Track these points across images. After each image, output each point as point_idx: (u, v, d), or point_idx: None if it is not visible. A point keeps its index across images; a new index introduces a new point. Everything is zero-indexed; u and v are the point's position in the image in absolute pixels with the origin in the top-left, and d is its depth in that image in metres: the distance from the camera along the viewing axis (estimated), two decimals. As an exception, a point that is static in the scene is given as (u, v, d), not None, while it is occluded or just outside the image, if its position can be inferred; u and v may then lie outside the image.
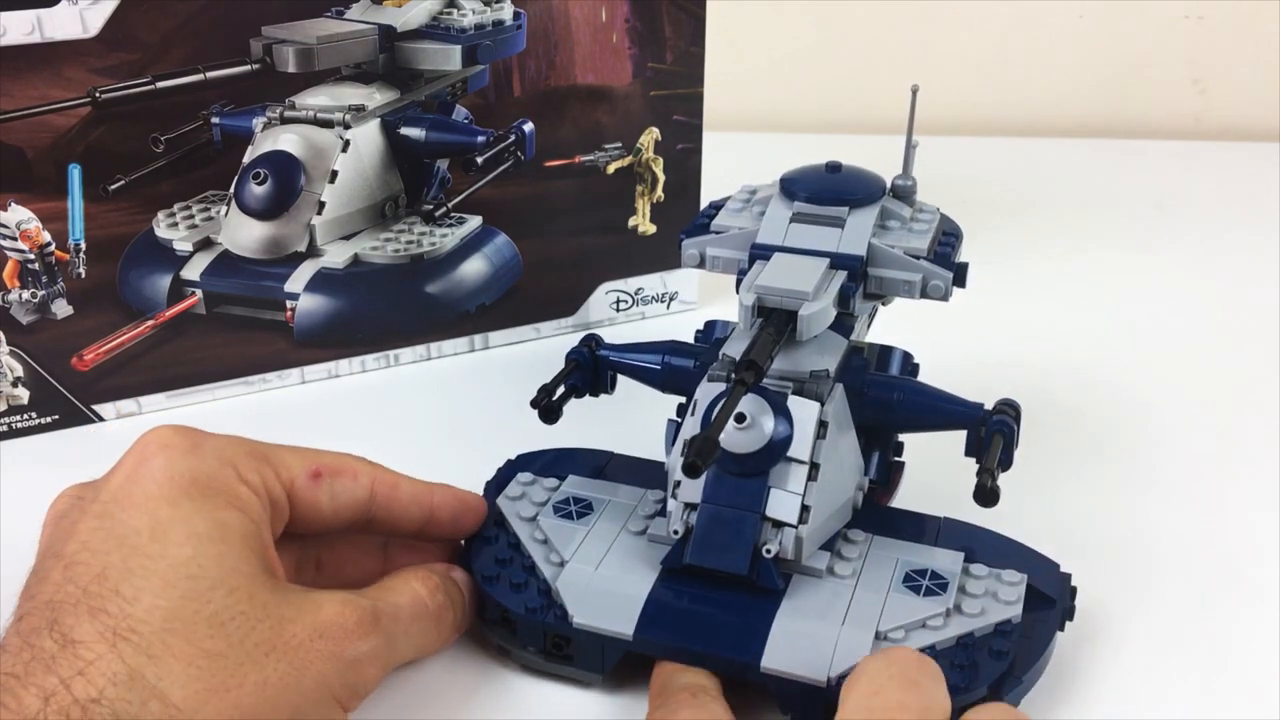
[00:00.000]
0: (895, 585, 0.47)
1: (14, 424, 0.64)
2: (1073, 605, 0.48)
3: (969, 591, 0.47)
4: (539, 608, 0.47)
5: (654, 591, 0.47)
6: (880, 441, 0.52)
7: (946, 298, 0.49)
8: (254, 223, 0.65)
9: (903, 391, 0.50)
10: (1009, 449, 0.48)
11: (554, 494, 0.52)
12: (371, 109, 0.67)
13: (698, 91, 0.71)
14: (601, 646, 0.46)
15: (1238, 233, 0.88)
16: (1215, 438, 0.64)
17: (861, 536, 0.49)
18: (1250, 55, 1.06)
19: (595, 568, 0.48)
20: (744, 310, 0.47)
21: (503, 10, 0.66)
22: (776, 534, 0.46)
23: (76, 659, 0.37)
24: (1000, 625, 0.45)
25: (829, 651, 0.44)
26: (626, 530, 0.50)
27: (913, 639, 0.45)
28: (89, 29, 0.58)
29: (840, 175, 0.51)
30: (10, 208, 0.60)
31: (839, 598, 0.46)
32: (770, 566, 0.46)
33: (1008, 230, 0.87)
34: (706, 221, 0.52)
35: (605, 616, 0.46)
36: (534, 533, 0.50)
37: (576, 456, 0.55)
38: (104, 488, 0.42)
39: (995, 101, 1.09)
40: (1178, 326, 0.75)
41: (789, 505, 0.46)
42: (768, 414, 0.46)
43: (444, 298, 0.70)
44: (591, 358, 0.54)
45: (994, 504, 0.46)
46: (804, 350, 0.48)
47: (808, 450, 0.46)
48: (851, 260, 0.49)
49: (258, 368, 0.68)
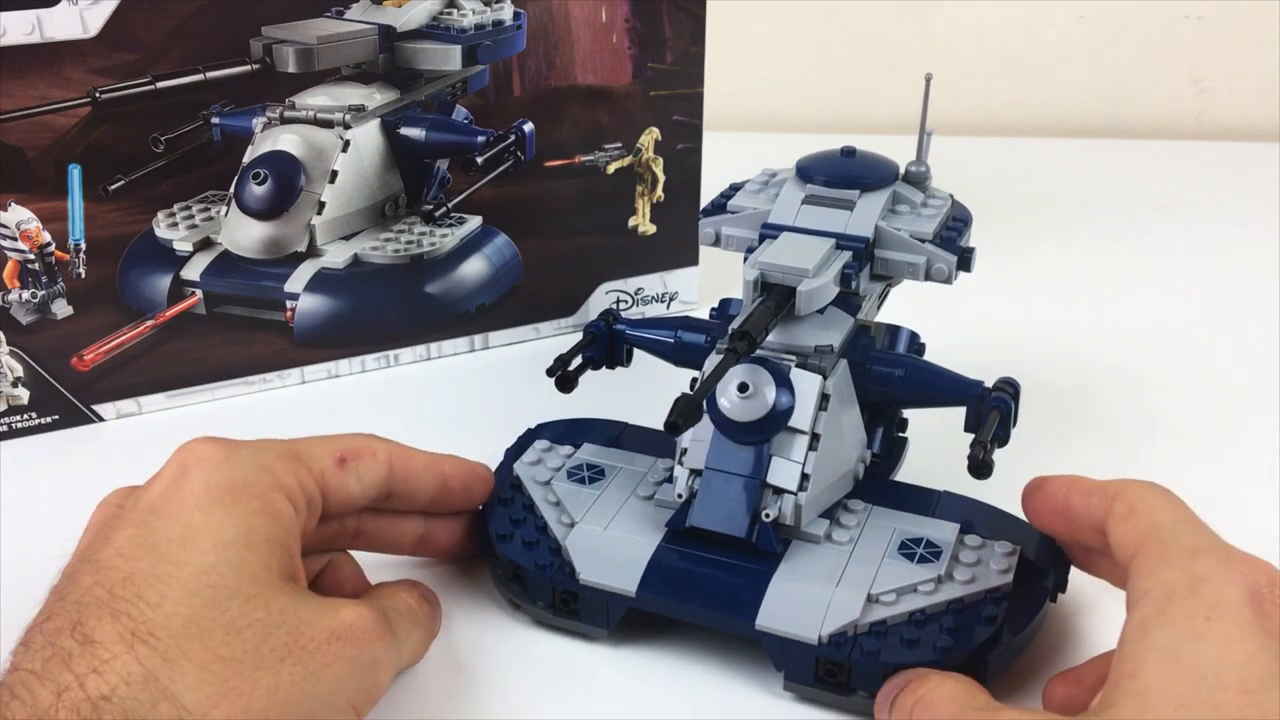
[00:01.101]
0: (890, 552, 0.49)
1: (14, 424, 0.64)
2: (1066, 577, 0.49)
3: (961, 560, 0.48)
4: (548, 564, 0.49)
5: (658, 552, 0.49)
6: (884, 417, 0.54)
7: (950, 281, 0.51)
8: (254, 223, 0.65)
9: (904, 368, 0.52)
10: (1005, 425, 0.49)
11: (569, 460, 0.55)
12: (371, 109, 0.67)
13: (698, 91, 0.71)
14: (606, 603, 0.49)
15: (1238, 233, 0.88)
16: (1213, 431, 0.64)
17: (861, 506, 0.51)
18: (1250, 55, 1.06)
19: (604, 529, 0.50)
20: (746, 285, 0.49)
21: (503, 10, 0.66)
22: (776, 500, 0.49)
23: (93, 657, 0.38)
24: (990, 593, 0.47)
25: (821, 612, 0.46)
26: (636, 495, 0.53)
27: (903, 602, 0.47)
28: (89, 29, 0.58)
29: (854, 160, 0.53)
30: (10, 208, 0.60)
31: (834, 562, 0.48)
32: (769, 530, 0.48)
33: (1008, 230, 0.87)
34: (724, 202, 0.54)
35: (610, 574, 0.49)
36: (548, 495, 0.53)
37: (593, 426, 0.58)
38: (143, 497, 0.43)
39: (995, 101, 1.09)
40: (1177, 325, 0.76)
41: (789, 473, 0.48)
42: (770, 384, 0.48)
43: (444, 298, 0.70)
44: (608, 331, 0.56)
45: (986, 476, 0.47)
46: (810, 326, 0.50)
47: (809, 421, 0.49)
48: (857, 241, 0.50)
49: (258, 368, 0.68)
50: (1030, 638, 0.48)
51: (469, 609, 0.52)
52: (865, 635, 0.46)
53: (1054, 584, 0.49)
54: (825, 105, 1.10)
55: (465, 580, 0.54)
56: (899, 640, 0.45)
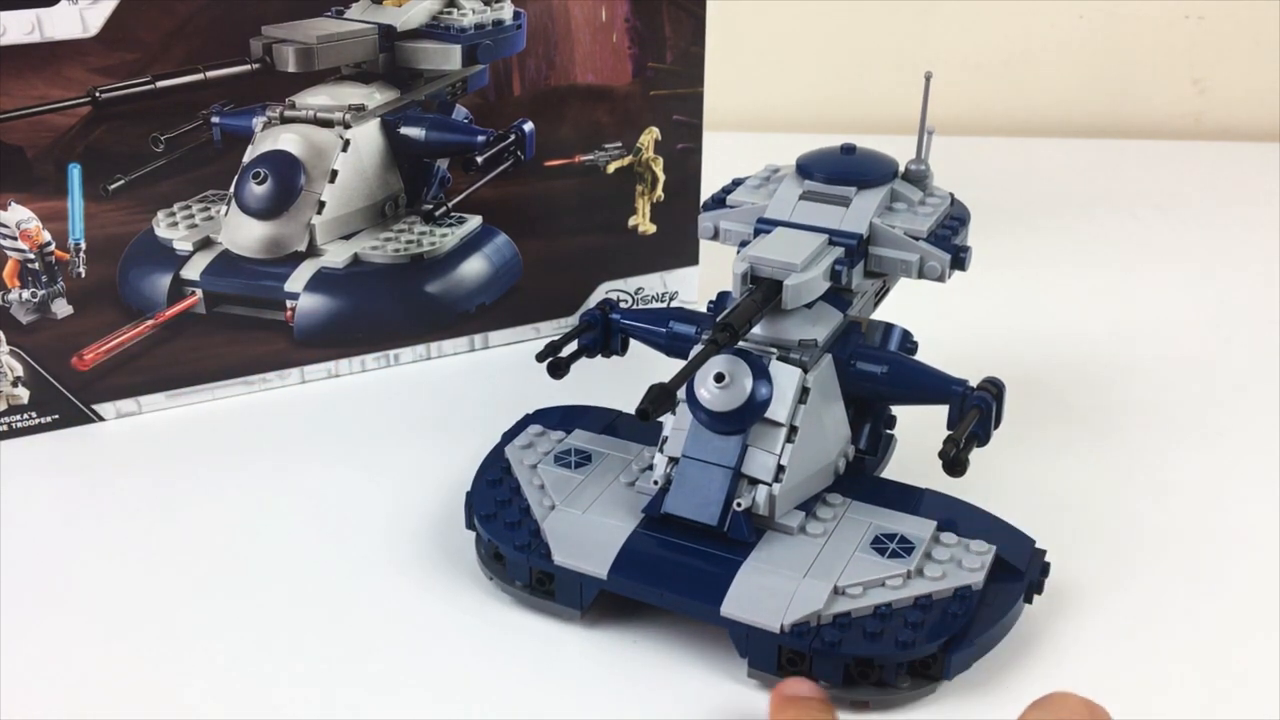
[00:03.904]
0: (862, 546, 0.49)
1: (14, 424, 0.64)
2: (1042, 580, 0.50)
3: (934, 557, 0.49)
4: (526, 545, 0.50)
5: (632, 538, 0.50)
6: (871, 413, 0.55)
7: (943, 279, 0.51)
8: (254, 222, 0.65)
9: (888, 365, 0.52)
10: (985, 424, 0.49)
11: (558, 445, 0.56)
12: (371, 109, 0.67)
13: (698, 91, 0.71)
14: (579, 584, 0.50)
15: (1238, 233, 0.88)
16: (1214, 431, 0.64)
17: (839, 500, 0.52)
18: (1250, 55, 1.06)
19: (582, 512, 0.51)
20: (736, 278, 0.49)
21: (503, 10, 0.66)
22: (751, 490, 0.49)
23: None
24: (960, 590, 0.47)
25: (785, 601, 0.47)
26: (619, 481, 0.53)
27: (869, 596, 0.47)
28: (89, 29, 0.58)
29: (853, 157, 0.53)
30: (10, 207, 0.60)
31: (805, 554, 0.49)
32: (741, 519, 0.49)
33: (1007, 230, 0.87)
34: (724, 196, 0.55)
35: (583, 557, 0.49)
36: (533, 479, 0.54)
37: (588, 413, 0.59)
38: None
39: (995, 101, 1.09)
40: (1177, 325, 0.75)
41: (765, 464, 0.49)
42: (748, 376, 0.49)
43: (444, 298, 0.70)
44: (603, 320, 0.57)
45: (960, 474, 0.48)
46: (796, 320, 0.51)
47: (786, 413, 0.49)
48: (850, 238, 0.51)
49: (258, 367, 0.68)
50: (997, 638, 0.48)
51: (452, 585, 0.53)
52: (828, 626, 0.46)
53: (1029, 586, 0.49)
54: (825, 105, 1.10)
55: (449, 557, 0.55)
56: (861, 633, 0.46)
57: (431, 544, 0.56)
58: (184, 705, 0.47)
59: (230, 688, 0.48)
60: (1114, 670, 0.49)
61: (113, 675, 0.49)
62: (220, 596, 0.53)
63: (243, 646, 0.50)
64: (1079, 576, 0.53)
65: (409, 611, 0.52)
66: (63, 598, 0.53)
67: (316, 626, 0.51)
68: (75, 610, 0.52)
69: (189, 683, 0.48)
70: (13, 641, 0.50)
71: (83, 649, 0.50)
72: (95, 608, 0.52)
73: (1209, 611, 0.52)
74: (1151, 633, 0.51)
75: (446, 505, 0.58)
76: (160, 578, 0.54)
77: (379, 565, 0.55)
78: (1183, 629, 0.51)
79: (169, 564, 0.55)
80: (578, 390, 0.60)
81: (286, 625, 0.51)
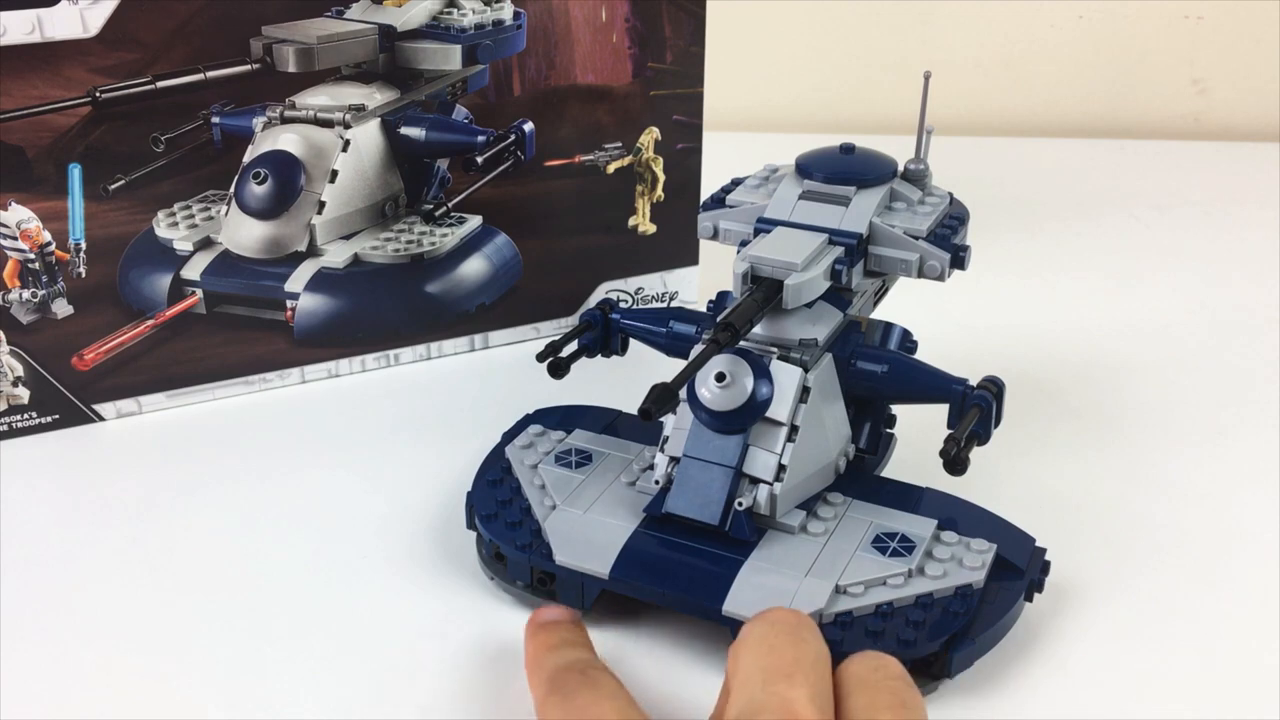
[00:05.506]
0: (863, 545, 0.49)
1: (14, 424, 0.64)
2: (1042, 578, 0.50)
3: (935, 556, 0.49)
4: (528, 545, 0.50)
5: (633, 537, 0.50)
6: (872, 412, 0.55)
7: (943, 278, 0.51)
8: (254, 222, 0.65)
9: (888, 364, 0.52)
10: (985, 423, 0.50)
11: (559, 445, 0.56)
12: (371, 109, 0.67)
13: (698, 91, 0.71)
14: (581, 584, 0.50)
15: (1238, 233, 0.88)
16: (1214, 431, 0.64)
17: (840, 499, 0.52)
18: (1250, 55, 1.06)
19: (584, 512, 0.52)
20: (736, 278, 0.49)
21: (503, 10, 0.66)
22: (752, 490, 0.49)
23: None
24: (961, 589, 0.47)
25: (787, 600, 0.47)
26: (619, 481, 0.53)
27: (871, 595, 0.47)
28: (89, 29, 0.58)
29: (852, 157, 0.53)
30: (10, 207, 0.60)
31: (807, 553, 0.49)
32: (743, 519, 0.49)
33: (1007, 229, 0.87)
34: (724, 196, 0.55)
35: (585, 556, 0.49)
36: (534, 479, 0.54)
37: (589, 413, 0.59)
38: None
39: (995, 101, 1.09)
40: (1177, 325, 0.76)
41: (766, 463, 0.49)
42: (749, 375, 0.49)
43: (444, 298, 0.70)
44: (603, 320, 0.57)
45: (960, 472, 0.48)
46: (796, 319, 0.51)
47: (787, 412, 0.49)
48: (849, 237, 0.51)
49: (258, 367, 0.68)
50: (998, 636, 0.48)
51: (452, 585, 0.53)
52: (830, 625, 0.46)
53: (1030, 585, 0.49)
54: (825, 105, 1.10)
55: (450, 557, 0.55)
56: (863, 631, 0.46)
57: (432, 544, 0.56)
58: (184, 705, 0.47)
59: (230, 687, 0.48)
60: (1114, 668, 0.49)
61: (112, 675, 0.49)
62: (221, 595, 0.53)
63: (242, 646, 0.50)
64: (1079, 575, 0.53)
65: (409, 611, 0.52)
66: (63, 598, 0.53)
67: (316, 626, 0.51)
68: (75, 610, 0.52)
69: (189, 683, 0.48)
70: (13, 641, 0.50)
71: (83, 649, 0.50)
72: (95, 608, 0.52)
73: (1209, 609, 0.52)
74: (1152, 630, 0.51)
75: (447, 505, 0.58)
76: (161, 578, 0.54)
77: (379, 565, 0.55)
78: (1183, 627, 0.51)
79: (169, 564, 0.55)
80: (578, 390, 0.60)
81: (286, 625, 0.51)
